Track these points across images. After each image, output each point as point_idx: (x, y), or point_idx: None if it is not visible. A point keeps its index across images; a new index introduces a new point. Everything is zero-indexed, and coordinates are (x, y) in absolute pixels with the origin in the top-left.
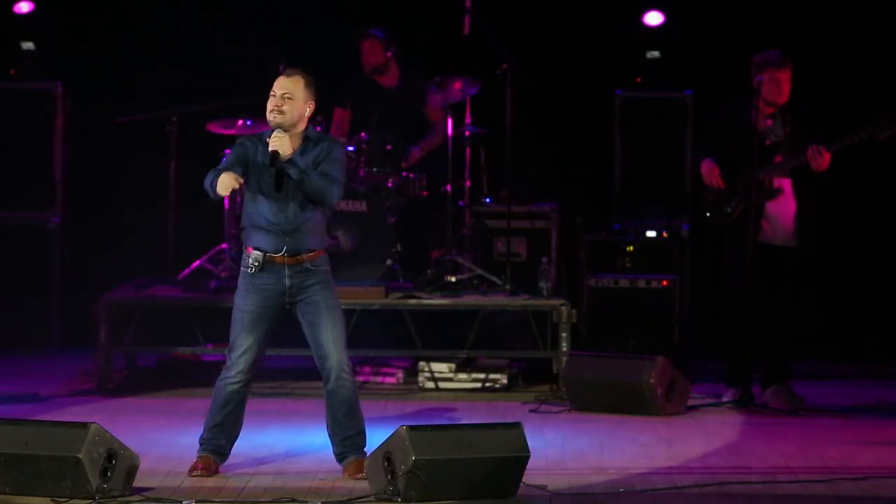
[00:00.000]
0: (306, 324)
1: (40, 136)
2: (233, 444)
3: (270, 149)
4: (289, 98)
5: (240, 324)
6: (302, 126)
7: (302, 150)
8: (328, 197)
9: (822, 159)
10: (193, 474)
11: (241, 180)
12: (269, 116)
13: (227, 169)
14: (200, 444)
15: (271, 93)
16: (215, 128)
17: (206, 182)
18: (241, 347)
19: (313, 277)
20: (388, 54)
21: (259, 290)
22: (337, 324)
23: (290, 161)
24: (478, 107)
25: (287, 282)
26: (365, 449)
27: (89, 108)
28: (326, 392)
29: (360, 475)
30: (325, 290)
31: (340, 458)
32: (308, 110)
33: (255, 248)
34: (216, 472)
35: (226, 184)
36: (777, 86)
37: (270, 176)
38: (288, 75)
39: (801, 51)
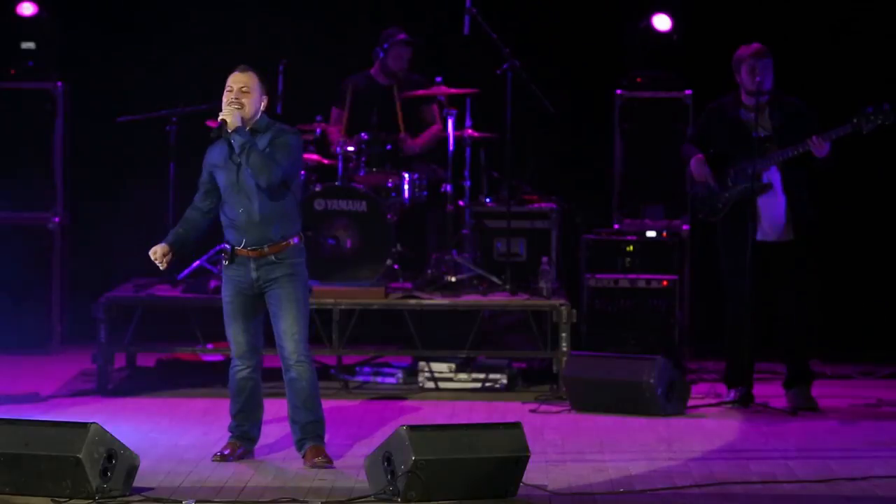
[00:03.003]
0: (270, 314)
1: (40, 136)
2: (259, 427)
3: (220, 117)
4: (246, 92)
5: (225, 315)
6: (255, 120)
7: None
8: (267, 174)
9: (823, 146)
10: (215, 458)
11: (166, 252)
12: (227, 110)
13: (194, 202)
14: (229, 432)
15: (227, 88)
16: (214, 124)
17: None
18: (232, 337)
19: (279, 270)
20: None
21: (233, 280)
22: (297, 315)
23: (237, 132)
24: (478, 107)
25: (253, 274)
26: (323, 436)
27: (89, 108)
28: (285, 381)
29: (317, 459)
30: (291, 282)
31: (299, 444)
32: (263, 104)
33: (226, 242)
34: (242, 456)
35: (159, 261)
36: (753, 75)
37: (229, 172)
38: (242, 71)
39: (801, 49)
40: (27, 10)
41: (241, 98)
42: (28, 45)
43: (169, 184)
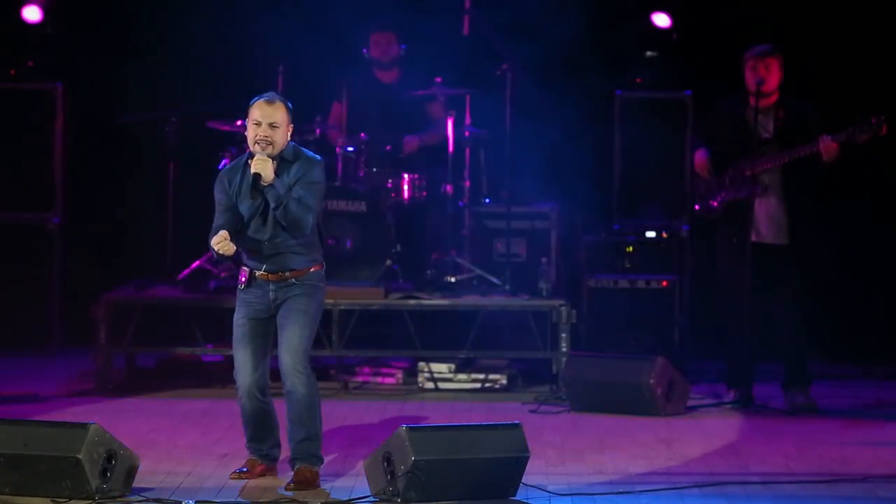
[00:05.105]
0: (278, 326)
1: (40, 136)
2: (278, 446)
3: (253, 171)
4: (276, 127)
5: (235, 341)
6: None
7: (279, 173)
8: (302, 227)
9: (832, 150)
10: (233, 476)
11: (227, 236)
12: (256, 148)
13: (219, 224)
14: (247, 449)
15: (253, 121)
16: (214, 124)
17: (211, 243)
18: (241, 363)
19: (297, 289)
20: (400, 49)
21: (248, 304)
22: (302, 326)
23: (272, 186)
24: (478, 107)
25: (272, 295)
26: (316, 456)
27: (89, 108)
28: (284, 392)
29: (292, 484)
30: (305, 297)
31: (291, 464)
32: (289, 134)
33: (244, 266)
34: (262, 474)
35: (225, 247)
36: (754, 74)
37: (251, 200)
38: (269, 102)
39: (801, 50)
40: (31, 15)
41: (270, 136)
42: (28, 46)
43: (168, 184)
